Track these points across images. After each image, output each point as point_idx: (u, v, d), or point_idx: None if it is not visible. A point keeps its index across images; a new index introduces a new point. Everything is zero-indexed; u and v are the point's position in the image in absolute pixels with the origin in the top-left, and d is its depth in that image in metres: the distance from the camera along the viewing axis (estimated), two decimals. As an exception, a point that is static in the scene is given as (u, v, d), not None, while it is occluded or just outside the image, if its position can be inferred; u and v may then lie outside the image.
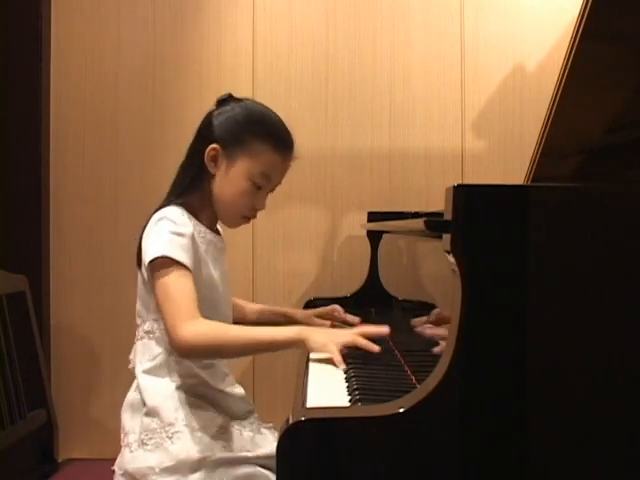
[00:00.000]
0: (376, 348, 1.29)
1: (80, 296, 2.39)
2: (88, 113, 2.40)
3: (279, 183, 1.51)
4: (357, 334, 1.33)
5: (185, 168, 1.48)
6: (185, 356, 1.35)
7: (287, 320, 1.71)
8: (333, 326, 1.67)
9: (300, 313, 1.74)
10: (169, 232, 1.36)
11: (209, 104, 1.53)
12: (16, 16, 2.34)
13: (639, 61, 1.33)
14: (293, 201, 2.38)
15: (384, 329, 1.36)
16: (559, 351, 0.90)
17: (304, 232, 2.39)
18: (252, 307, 1.80)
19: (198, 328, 1.29)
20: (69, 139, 2.40)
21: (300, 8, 2.39)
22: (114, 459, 1.42)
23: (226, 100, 1.49)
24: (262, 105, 1.53)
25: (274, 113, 1.51)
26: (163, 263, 1.33)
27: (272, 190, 1.52)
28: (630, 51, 1.33)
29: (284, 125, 1.50)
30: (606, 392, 0.91)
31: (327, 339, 1.31)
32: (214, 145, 1.43)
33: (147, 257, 1.35)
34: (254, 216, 1.52)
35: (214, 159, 1.44)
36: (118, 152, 2.40)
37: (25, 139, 2.35)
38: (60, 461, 1.92)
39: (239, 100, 1.50)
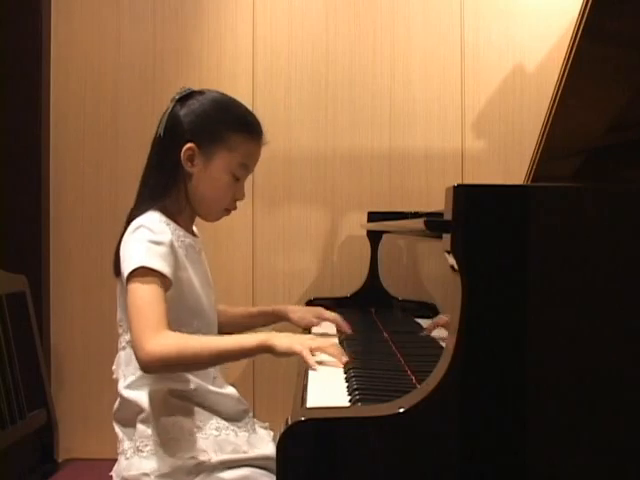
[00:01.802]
0: (341, 364, 1.25)
1: (80, 296, 2.39)
2: (88, 113, 2.40)
3: (252, 171, 1.50)
4: (322, 346, 1.28)
5: (157, 170, 1.43)
6: (148, 370, 1.29)
7: (279, 319, 1.70)
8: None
9: (295, 311, 1.70)
10: (147, 241, 1.32)
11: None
12: (16, 16, 2.34)
13: (639, 61, 1.33)
14: (293, 201, 2.38)
15: (343, 360, 1.28)
16: (559, 351, 0.90)
17: (304, 232, 2.38)
18: (235, 312, 1.72)
19: (161, 341, 1.24)
20: (69, 139, 2.40)
21: (300, 9, 2.39)
22: (114, 459, 1.42)
23: (188, 95, 1.45)
24: (225, 95, 1.50)
25: (238, 101, 1.49)
26: (139, 274, 1.29)
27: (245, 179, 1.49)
28: (630, 51, 1.34)
29: (251, 112, 1.48)
30: (607, 392, 0.91)
31: (292, 341, 1.27)
32: (190, 145, 1.40)
33: (126, 269, 1.30)
34: (235, 207, 1.50)
35: (191, 158, 1.41)
36: (118, 152, 2.40)
37: (25, 139, 2.35)
38: (60, 461, 1.91)
39: (200, 93, 1.46)
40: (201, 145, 1.41)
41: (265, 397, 2.33)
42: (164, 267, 1.30)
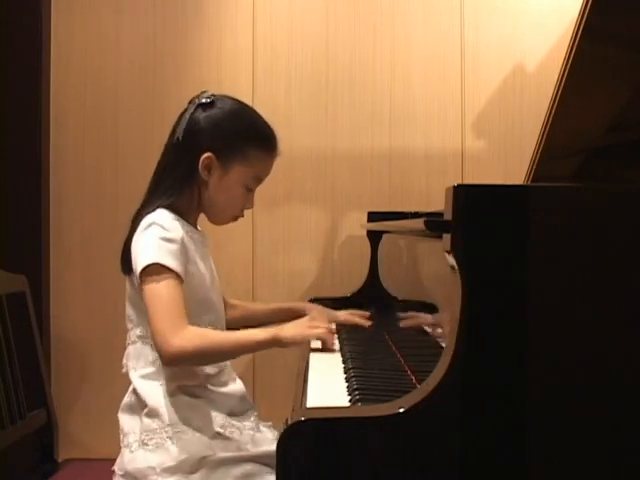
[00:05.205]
0: (335, 348, 1.45)
1: (80, 296, 2.39)
2: (88, 113, 2.40)
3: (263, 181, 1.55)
4: (326, 331, 1.44)
5: (170, 170, 1.45)
6: (171, 364, 1.35)
7: (297, 316, 1.72)
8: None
9: (311, 309, 1.76)
10: (159, 238, 1.35)
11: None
12: (16, 16, 2.34)
13: (639, 61, 1.33)
14: (293, 201, 2.38)
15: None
16: (559, 351, 0.90)
17: (304, 232, 2.38)
18: (256, 308, 1.85)
19: (183, 337, 1.29)
20: (69, 139, 2.40)
21: (300, 8, 2.39)
22: (114, 459, 1.42)
23: (210, 103, 1.45)
24: (246, 106, 1.52)
25: (257, 113, 1.52)
26: (153, 270, 1.33)
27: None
28: (630, 51, 1.34)
29: (268, 124, 1.51)
30: (607, 392, 0.91)
31: (295, 332, 1.38)
32: (208, 154, 1.43)
33: (139, 265, 1.34)
34: (242, 215, 1.54)
35: (208, 168, 1.44)
36: (118, 152, 2.40)
37: (25, 139, 2.35)
38: (60, 461, 1.92)
39: (222, 101, 1.47)
40: (219, 156, 1.44)
41: (265, 396, 2.33)
42: (176, 265, 1.34)
